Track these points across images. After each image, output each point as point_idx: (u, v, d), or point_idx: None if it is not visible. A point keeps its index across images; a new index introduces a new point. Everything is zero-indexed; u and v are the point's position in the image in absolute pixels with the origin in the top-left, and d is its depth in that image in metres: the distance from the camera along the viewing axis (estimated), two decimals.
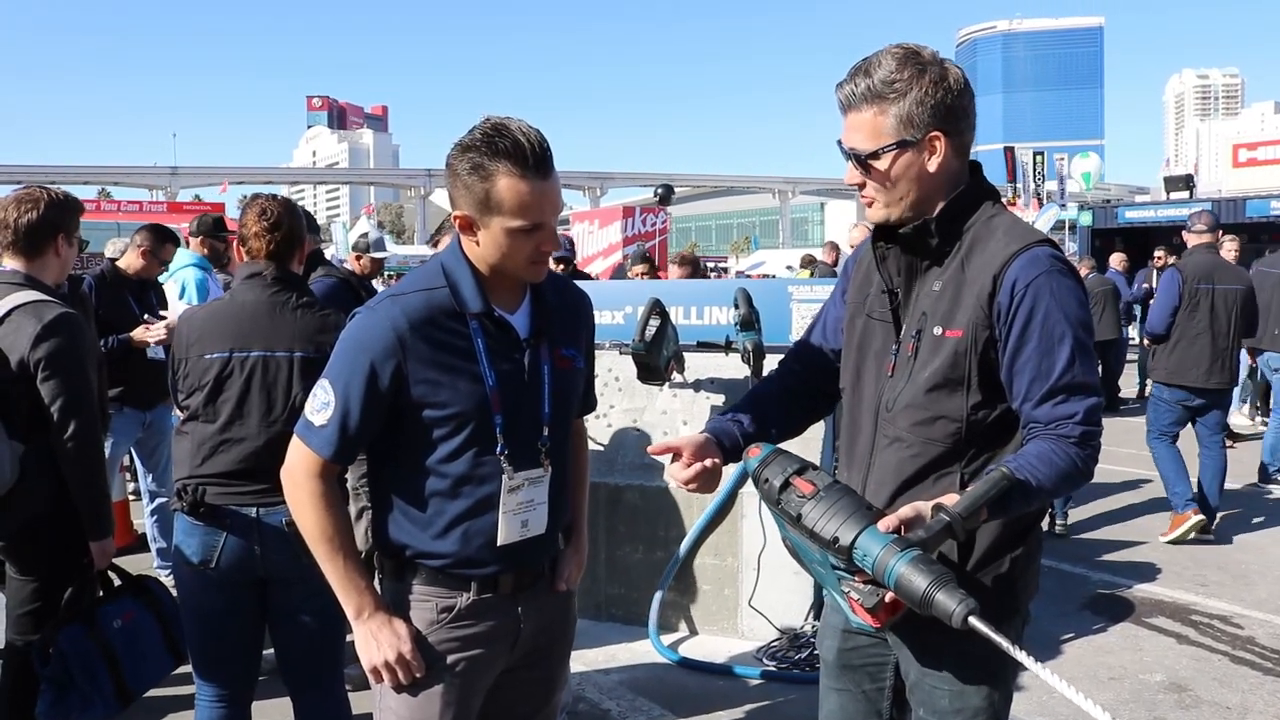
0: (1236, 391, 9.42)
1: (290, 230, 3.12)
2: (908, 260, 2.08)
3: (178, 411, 3.17)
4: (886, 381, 2.09)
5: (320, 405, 2.07)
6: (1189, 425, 7.17)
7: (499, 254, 2.06)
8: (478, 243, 2.08)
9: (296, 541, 2.64)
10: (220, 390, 2.98)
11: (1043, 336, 1.91)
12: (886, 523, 1.80)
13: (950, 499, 1.84)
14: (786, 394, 2.37)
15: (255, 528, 2.93)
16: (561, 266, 7.87)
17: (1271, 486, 8.51)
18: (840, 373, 2.27)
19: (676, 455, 2.13)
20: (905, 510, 1.84)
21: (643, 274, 8.50)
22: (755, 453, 2.01)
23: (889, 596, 1.77)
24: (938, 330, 2.00)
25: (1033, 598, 2.15)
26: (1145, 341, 8.06)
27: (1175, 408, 7.06)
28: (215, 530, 2.93)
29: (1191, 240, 7.30)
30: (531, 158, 1.98)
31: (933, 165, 1.98)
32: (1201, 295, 7.01)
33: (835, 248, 13.49)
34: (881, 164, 1.99)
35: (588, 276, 9.46)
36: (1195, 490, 7.01)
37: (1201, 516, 6.81)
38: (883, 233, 2.11)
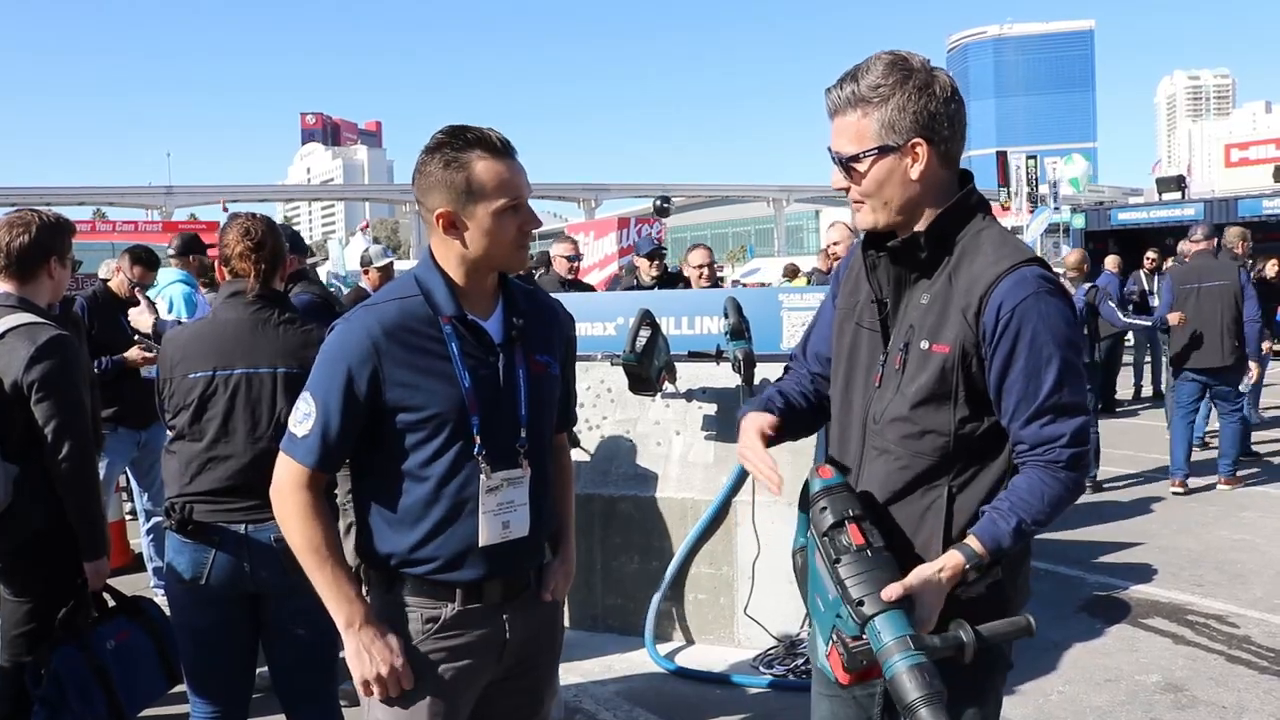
0: None
1: (274, 248, 3.15)
2: (896, 271, 2.08)
3: (168, 430, 3.19)
4: (874, 392, 2.09)
5: (302, 417, 2.12)
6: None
7: (487, 241, 2.13)
8: (462, 240, 2.13)
9: (285, 557, 2.67)
10: (205, 409, 3.01)
11: (1030, 359, 1.91)
12: (892, 590, 1.81)
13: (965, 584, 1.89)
14: (801, 389, 2.36)
15: (244, 544, 2.94)
16: (569, 264, 7.86)
17: (1268, 488, 8.52)
18: (831, 379, 2.27)
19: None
20: (915, 583, 1.85)
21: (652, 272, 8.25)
22: (826, 474, 2.00)
23: (867, 665, 1.80)
24: (925, 344, 2.00)
25: (1025, 604, 2.16)
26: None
27: (1188, 384, 8.47)
28: (204, 547, 2.95)
29: (1191, 248, 8.71)
30: (499, 143, 2.12)
31: (915, 173, 1.98)
32: (1189, 294, 8.41)
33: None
34: (862, 167, 2.00)
35: (589, 287, 9.41)
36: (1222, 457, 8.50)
37: (1180, 490, 8.32)
38: (872, 241, 2.11)
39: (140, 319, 5.29)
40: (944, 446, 2.00)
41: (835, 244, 7.67)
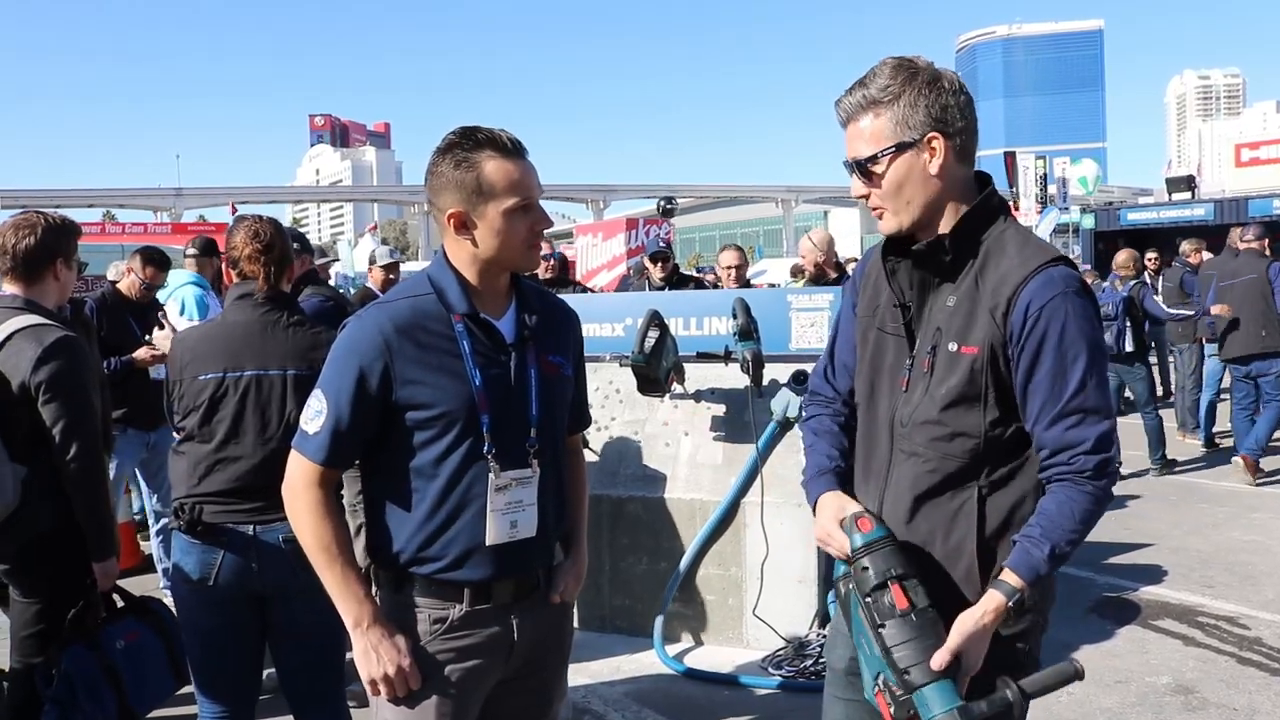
0: None
1: (283, 250, 3.16)
2: (920, 275, 2.07)
3: (175, 433, 3.20)
4: (901, 396, 2.08)
5: (314, 414, 2.13)
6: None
7: (498, 241, 2.13)
8: (473, 239, 2.14)
9: (294, 557, 2.68)
10: (215, 410, 3.01)
11: (1056, 359, 1.91)
12: (940, 659, 1.81)
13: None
14: (839, 423, 2.28)
15: (252, 545, 2.95)
16: (547, 266, 7.89)
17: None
18: (855, 386, 2.24)
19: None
20: (959, 642, 1.85)
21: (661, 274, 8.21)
22: (866, 526, 1.92)
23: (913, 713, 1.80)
24: (953, 346, 1.99)
25: (1052, 605, 2.16)
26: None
27: (1238, 379, 9.05)
28: (213, 548, 2.96)
29: (1242, 246, 9.36)
30: (510, 143, 2.14)
31: (934, 167, 1.98)
32: (1226, 289, 9.08)
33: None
34: (881, 167, 1.99)
35: (584, 287, 9.42)
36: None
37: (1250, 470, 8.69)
38: (893, 246, 2.10)
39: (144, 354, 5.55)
40: (974, 448, 2.00)
41: (802, 257, 7.81)
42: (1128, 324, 9.23)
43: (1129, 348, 9.21)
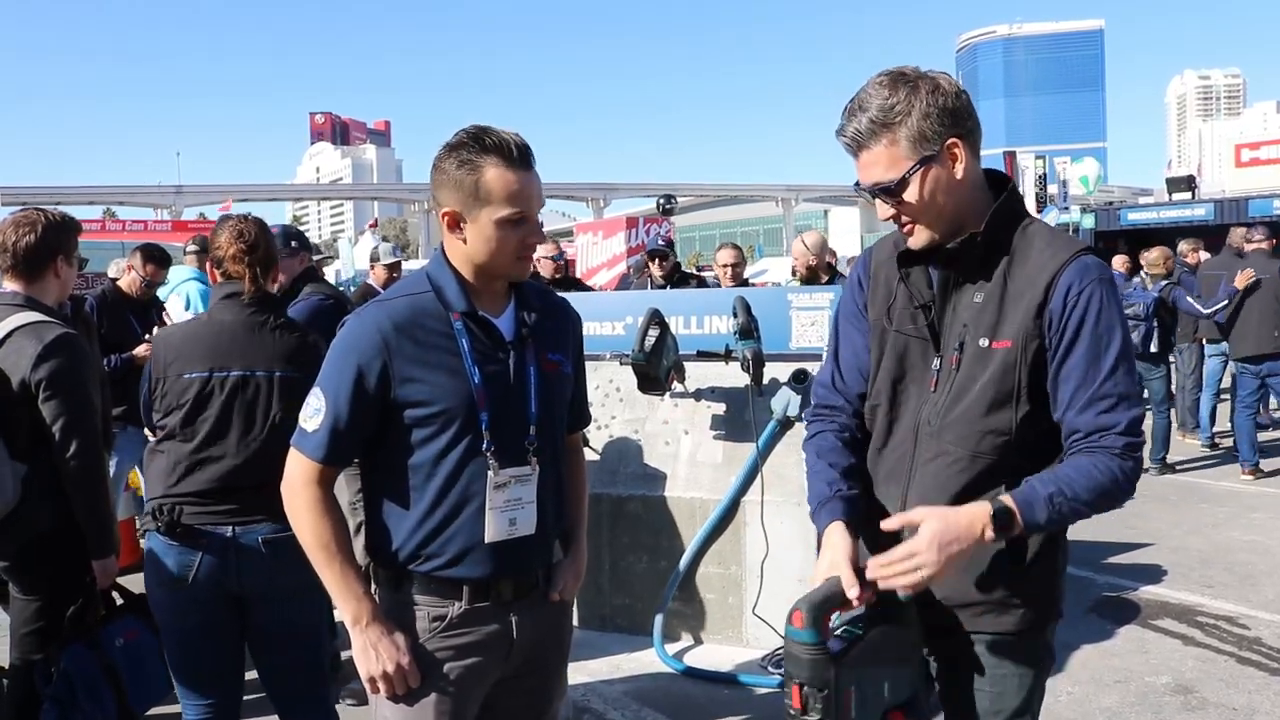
0: None
1: (267, 251, 3.12)
2: (944, 275, 2.06)
3: (147, 432, 3.16)
4: (929, 396, 2.06)
5: (312, 412, 2.13)
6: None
7: (487, 248, 2.13)
8: (464, 240, 2.14)
9: (273, 558, 2.68)
10: (201, 409, 2.96)
11: (1092, 342, 1.92)
12: (890, 523, 1.87)
13: None
14: (847, 438, 2.21)
15: (231, 546, 2.90)
16: (555, 267, 7.90)
17: None
18: (869, 391, 2.19)
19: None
20: (914, 517, 1.88)
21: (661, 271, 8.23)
22: (797, 623, 1.87)
23: None
24: (984, 342, 1.98)
25: (1063, 598, 2.19)
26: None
27: (1245, 377, 9.04)
28: (191, 550, 2.90)
29: (1249, 247, 9.46)
30: (516, 152, 2.11)
31: (959, 172, 1.97)
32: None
33: (833, 255, 13.52)
34: (911, 190, 1.97)
35: (586, 286, 9.46)
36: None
37: (1250, 477, 8.82)
38: (910, 254, 2.08)
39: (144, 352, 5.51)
40: (1003, 446, 1.99)
41: (795, 259, 7.92)
42: (1155, 325, 9.21)
43: (1154, 349, 9.23)
